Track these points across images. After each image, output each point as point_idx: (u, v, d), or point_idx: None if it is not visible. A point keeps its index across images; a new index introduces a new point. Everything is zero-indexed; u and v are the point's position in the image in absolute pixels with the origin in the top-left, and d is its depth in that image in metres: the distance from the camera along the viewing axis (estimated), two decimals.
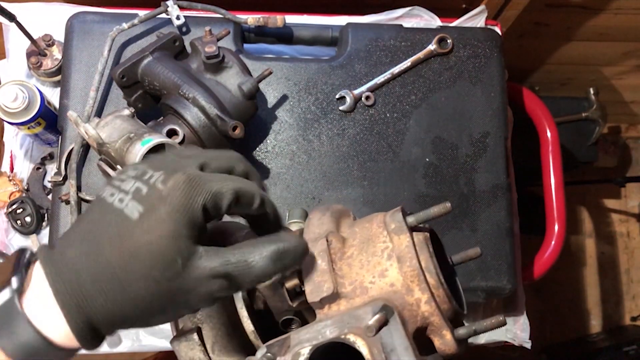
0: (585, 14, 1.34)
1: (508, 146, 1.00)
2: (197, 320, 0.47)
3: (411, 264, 0.44)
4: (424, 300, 0.44)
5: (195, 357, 0.46)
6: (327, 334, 0.41)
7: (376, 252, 0.45)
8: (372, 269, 0.45)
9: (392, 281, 0.44)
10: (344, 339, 0.41)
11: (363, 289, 0.44)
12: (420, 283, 0.44)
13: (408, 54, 0.96)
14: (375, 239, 0.46)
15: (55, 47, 0.98)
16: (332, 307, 0.44)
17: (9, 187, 0.99)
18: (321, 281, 0.44)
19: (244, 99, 0.81)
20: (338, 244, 0.46)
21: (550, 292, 1.99)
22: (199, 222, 0.36)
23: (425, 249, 0.45)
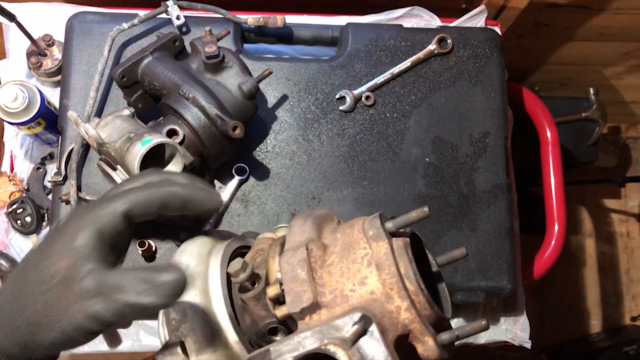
0: (585, 14, 1.34)
1: (508, 146, 1.00)
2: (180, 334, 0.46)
3: (389, 271, 0.43)
4: (404, 308, 0.43)
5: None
6: (307, 345, 0.41)
7: (356, 259, 0.45)
8: (352, 277, 0.44)
9: (372, 289, 0.43)
10: (324, 350, 0.40)
11: (343, 297, 0.44)
12: (399, 290, 0.43)
13: (408, 54, 0.96)
14: (356, 245, 0.45)
15: (55, 47, 0.98)
16: (312, 317, 0.44)
17: (9, 187, 0.99)
18: (301, 291, 0.44)
19: (244, 99, 0.81)
20: (319, 251, 0.46)
21: (550, 292, 1.99)
22: (99, 243, 0.41)
23: (405, 255, 0.44)
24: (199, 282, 0.48)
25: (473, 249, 0.91)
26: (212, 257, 0.50)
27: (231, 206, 0.90)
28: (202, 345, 0.45)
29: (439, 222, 0.92)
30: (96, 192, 0.88)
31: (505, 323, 1.04)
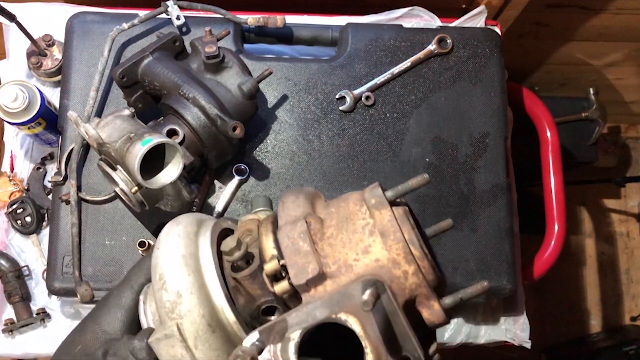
0: (585, 14, 1.34)
1: (508, 146, 1.00)
2: (175, 316, 0.44)
3: (395, 237, 0.43)
4: (411, 272, 0.43)
5: (177, 354, 0.44)
6: (317, 316, 0.40)
7: (356, 229, 0.45)
8: (354, 247, 0.44)
9: (376, 257, 0.44)
10: (335, 319, 0.40)
11: (348, 267, 0.44)
12: (406, 256, 0.43)
13: (408, 54, 0.96)
14: (354, 216, 0.45)
15: (55, 47, 0.98)
16: (318, 288, 0.44)
17: (9, 187, 0.99)
18: (305, 263, 0.43)
19: (244, 99, 0.81)
20: (317, 224, 0.46)
21: (550, 292, 1.99)
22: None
23: (407, 222, 0.45)
24: (191, 262, 0.46)
25: (473, 249, 0.91)
26: (201, 237, 0.49)
27: (231, 206, 0.90)
28: (199, 327, 0.44)
29: (438, 222, 0.92)
30: (96, 192, 0.88)
31: (505, 323, 1.04)
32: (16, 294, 0.95)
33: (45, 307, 0.96)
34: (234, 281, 0.47)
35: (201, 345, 0.44)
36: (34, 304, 0.97)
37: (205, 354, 0.44)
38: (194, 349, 0.44)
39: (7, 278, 0.95)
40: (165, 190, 0.78)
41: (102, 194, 0.87)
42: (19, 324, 0.94)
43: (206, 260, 0.47)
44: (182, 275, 0.45)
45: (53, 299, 0.97)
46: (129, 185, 0.74)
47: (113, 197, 0.87)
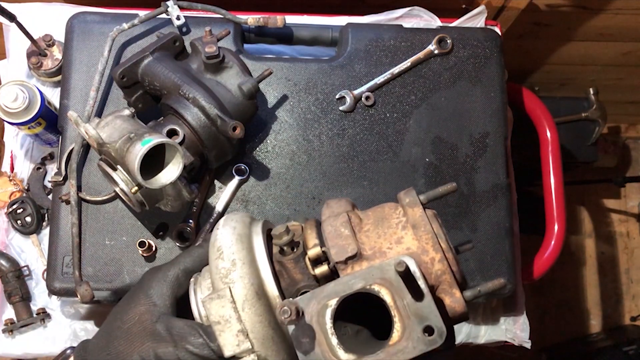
0: (585, 14, 1.34)
1: (508, 146, 1.00)
2: (228, 280, 0.50)
3: (425, 229, 0.50)
4: (437, 259, 0.49)
5: (226, 314, 0.49)
6: (353, 286, 0.46)
7: (391, 225, 0.51)
8: (388, 238, 0.50)
9: (407, 245, 0.50)
10: (369, 289, 0.45)
11: (382, 252, 0.50)
12: (434, 244, 0.49)
13: (408, 54, 0.96)
14: (389, 217, 0.52)
15: (55, 47, 0.98)
16: (355, 267, 0.49)
17: (9, 187, 0.99)
18: (345, 244, 0.50)
19: (244, 99, 0.81)
20: (356, 219, 0.52)
21: (550, 292, 1.99)
22: None
23: (436, 220, 0.51)
24: (245, 241, 0.52)
25: (473, 249, 0.91)
26: (254, 225, 0.56)
27: (231, 206, 0.90)
28: (248, 292, 0.50)
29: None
30: (96, 192, 0.88)
31: (505, 323, 1.04)
32: (16, 294, 0.95)
33: (46, 307, 0.96)
34: (279, 265, 0.52)
35: (248, 309, 0.49)
36: (34, 304, 0.97)
37: (250, 317, 0.49)
38: (241, 310, 0.49)
39: (7, 278, 0.95)
40: (165, 190, 0.78)
41: (102, 194, 0.87)
42: (19, 324, 0.94)
43: (258, 242, 0.53)
44: (237, 249, 0.51)
45: (53, 299, 0.97)
46: (129, 185, 0.74)
47: (113, 197, 0.87)
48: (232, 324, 0.49)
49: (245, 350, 0.49)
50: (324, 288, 0.46)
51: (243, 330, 0.49)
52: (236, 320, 0.49)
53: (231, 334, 0.49)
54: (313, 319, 0.45)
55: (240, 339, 0.49)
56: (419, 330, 0.44)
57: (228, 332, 0.49)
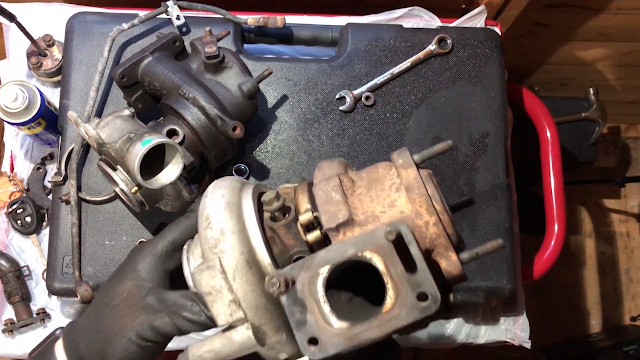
0: (585, 14, 1.34)
1: (508, 146, 1.00)
2: (218, 250, 0.49)
3: (419, 192, 0.48)
4: (432, 223, 0.47)
5: (217, 284, 0.48)
6: (345, 253, 0.44)
7: (384, 188, 0.49)
8: (381, 202, 0.49)
9: (401, 209, 0.48)
10: (361, 257, 0.44)
11: (374, 217, 0.48)
12: (428, 207, 0.47)
13: (408, 54, 0.96)
14: (383, 179, 0.50)
15: (55, 47, 0.98)
16: (346, 233, 0.48)
17: (9, 187, 0.99)
18: (336, 210, 0.48)
19: (244, 99, 0.81)
20: (348, 182, 0.51)
21: (550, 292, 1.99)
22: None
23: (430, 181, 0.49)
24: (234, 209, 0.51)
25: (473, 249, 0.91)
26: (244, 191, 0.54)
27: None
28: (238, 262, 0.48)
29: None
30: (96, 192, 0.88)
31: (505, 323, 1.04)
32: (16, 294, 0.95)
33: (45, 307, 0.96)
34: (271, 231, 0.51)
35: (239, 279, 0.48)
36: (34, 304, 0.97)
37: (241, 287, 0.48)
38: (232, 280, 0.48)
39: (7, 278, 0.95)
40: (165, 191, 0.78)
41: (102, 194, 0.87)
42: (19, 324, 0.94)
43: (248, 209, 0.52)
44: (226, 218, 0.50)
45: (53, 299, 0.97)
46: (129, 186, 0.74)
47: (113, 197, 0.87)
48: (223, 294, 0.48)
49: (239, 319, 0.49)
50: (315, 256, 0.45)
51: (235, 300, 0.48)
52: (227, 291, 0.48)
53: (223, 304, 0.49)
54: (305, 288, 0.44)
55: (233, 309, 0.48)
56: (413, 297, 0.43)
57: (220, 303, 0.49)
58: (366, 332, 0.43)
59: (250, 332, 0.49)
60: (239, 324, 0.49)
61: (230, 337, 0.49)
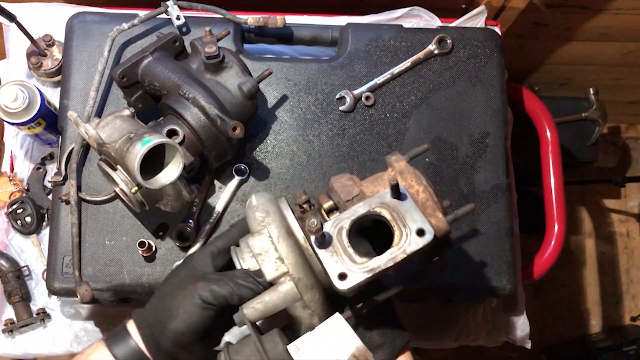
0: (585, 14, 1.34)
1: (508, 146, 1.00)
2: (265, 224, 0.63)
3: (409, 172, 0.64)
4: (421, 190, 0.63)
5: (265, 246, 0.62)
6: (360, 211, 0.60)
7: (384, 179, 0.66)
8: (383, 184, 0.65)
9: None
10: (372, 212, 0.60)
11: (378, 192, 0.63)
12: (417, 180, 0.64)
13: (408, 54, 0.96)
14: (382, 175, 0.67)
15: (55, 47, 0.98)
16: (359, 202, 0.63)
17: (9, 187, 0.99)
18: (351, 189, 0.64)
19: (244, 99, 0.81)
20: (357, 179, 0.66)
21: (550, 292, 1.99)
22: None
23: (417, 169, 0.65)
24: (274, 201, 0.66)
25: (473, 249, 0.91)
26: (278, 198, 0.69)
27: (231, 206, 0.90)
28: (280, 230, 0.62)
29: None
30: (96, 192, 0.88)
31: (505, 323, 1.04)
32: (16, 294, 0.95)
33: (45, 307, 0.96)
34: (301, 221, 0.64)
35: (282, 242, 0.62)
36: (34, 304, 0.97)
37: (284, 248, 0.61)
38: (277, 243, 0.62)
39: (7, 278, 0.95)
40: (165, 191, 0.78)
41: (102, 194, 0.87)
42: (19, 324, 0.94)
43: (283, 202, 0.67)
44: (270, 204, 0.65)
45: (53, 299, 0.97)
46: (129, 186, 0.74)
47: (113, 197, 0.87)
48: (270, 254, 0.62)
49: (283, 273, 0.61)
50: (339, 217, 0.60)
51: (280, 258, 0.61)
52: (274, 251, 0.61)
53: (270, 262, 0.62)
54: (334, 237, 0.59)
55: (278, 264, 0.61)
56: (414, 233, 0.58)
57: (268, 260, 0.62)
58: (381, 262, 0.58)
59: (292, 283, 0.61)
60: (283, 278, 0.61)
61: (276, 289, 0.61)
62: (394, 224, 0.59)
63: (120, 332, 0.63)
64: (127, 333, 0.63)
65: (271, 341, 0.59)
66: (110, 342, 0.63)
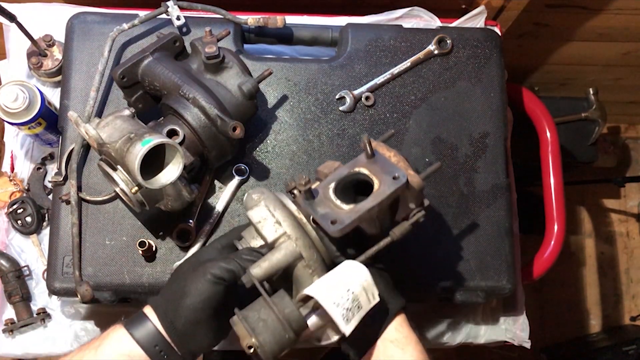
0: (585, 14, 1.34)
1: (508, 146, 1.00)
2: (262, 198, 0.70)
3: (380, 145, 0.72)
4: (392, 155, 0.71)
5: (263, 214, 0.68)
6: (343, 172, 0.68)
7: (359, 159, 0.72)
8: None
9: None
10: (352, 171, 0.68)
11: None
12: (388, 149, 0.71)
13: (408, 54, 0.96)
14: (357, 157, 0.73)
15: (55, 48, 0.98)
16: None
17: (9, 187, 0.99)
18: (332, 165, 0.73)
19: (244, 99, 0.81)
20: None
21: (550, 292, 1.99)
22: None
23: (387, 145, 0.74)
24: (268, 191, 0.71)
25: (473, 249, 0.92)
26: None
27: (231, 206, 0.90)
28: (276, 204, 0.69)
29: (439, 222, 0.92)
30: (96, 192, 0.88)
31: (505, 323, 1.04)
32: (16, 294, 0.95)
33: (46, 307, 0.97)
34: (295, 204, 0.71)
35: (278, 210, 0.68)
36: (34, 304, 0.97)
37: (280, 214, 0.67)
38: (274, 211, 0.68)
39: (8, 278, 0.95)
40: (165, 191, 0.78)
41: (102, 194, 0.87)
42: (19, 324, 0.94)
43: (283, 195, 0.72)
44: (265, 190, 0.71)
45: (53, 299, 0.97)
46: (129, 186, 0.74)
47: (113, 197, 0.87)
48: (268, 220, 0.68)
49: (282, 234, 0.67)
50: (324, 181, 0.68)
51: (277, 222, 0.67)
52: (271, 217, 0.68)
53: (269, 225, 0.67)
54: (321, 193, 0.67)
55: (277, 227, 0.67)
56: (390, 179, 0.66)
57: (267, 226, 0.67)
58: (363, 205, 0.65)
59: (291, 241, 0.67)
60: (282, 238, 0.67)
61: (278, 248, 0.67)
62: (372, 176, 0.67)
63: (137, 317, 0.66)
64: (145, 317, 0.66)
65: (278, 296, 0.63)
66: (129, 326, 0.65)
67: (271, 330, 0.61)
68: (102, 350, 0.64)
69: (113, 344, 0.65)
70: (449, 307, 1.03)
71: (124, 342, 0.65)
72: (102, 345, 0.65)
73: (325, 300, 0.61)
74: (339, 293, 0.62)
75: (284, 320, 0.61)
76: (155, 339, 0.65)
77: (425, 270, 0.90)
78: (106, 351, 0.64)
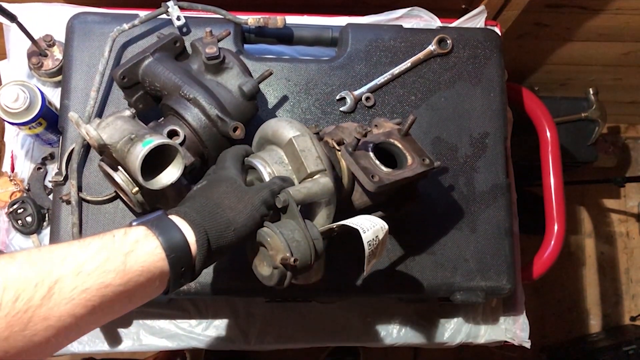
0: (585, 14, 1.34)
1: (507, 146, 1.00)
2: (304, 130, 0.74)
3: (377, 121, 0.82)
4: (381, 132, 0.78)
5: (308, 145, 0.72)
6: (381, 138, 0.78)
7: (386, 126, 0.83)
8: None
9: None
10: (389, 141, 0.78)
11: None
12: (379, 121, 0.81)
13: (408, 54, 0.96)
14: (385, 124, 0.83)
15: (56, 48, 0.98)
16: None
17: (9, 187, 0.99)
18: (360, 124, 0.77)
19: (245, 99, 0.81)
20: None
21: (550, 292, 1.99)
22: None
23: None
24: (310, 132, 0.75)
25: (473, 249, 0.92)
26: None
27: None
28: (314, 140, 0.73)
29: (439, 222, 0.92)
30: (96, 192, 0.88)
31: (505, 323, 1.04)
32: None
33: None
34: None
35: (320, 148, 0.72)
36: None
37: (322, 151, 0.73)
38: (317, 146, 0.72)
39: None
40: (166, 191, 0.78)
41: (102, 194, 0.87)
42: None
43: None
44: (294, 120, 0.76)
45: None
46: (129, 186, 0.74)
47: (114, 198, 0.87)
48: (312, 152, 0.72)
49: (321, 169, 0.71)
50: (365, 140, 0.75)
51: (319, 157, 0.72)
52: (314, 150, 0.72)
53: (312, 158, 0.71)
54: (361, 154, 0.74)
55: (318, 162, 0.71)
56: (420, 160, 0.76)
57: (310, 156, 0.71)
58: (402, 173, 0.74)
59: (328, 178, 0.71)
60: (321, 173, 0.71)
61: (316, 180, 0.71)
62: (406, 151, 0.77)
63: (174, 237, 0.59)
64: (183, 237, 0.59)
65: (309, 223, 0.67)
66: (163, 239, 0.58)
67: (302, 252, 0.64)
68: (131, 257, 0.56)
69: (142, 256, 0.56)
70: (449, 307, 1.03)
71: (155, 256, 0.57)
72: (133, 252, 0.56)
73: (365, 236, 0.66)
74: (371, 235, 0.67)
75: (312, 247, 0.65)
76: (185, 261, 0.59)
77: (426, 270, 0.90)
78: (131, 260, 0.55)
